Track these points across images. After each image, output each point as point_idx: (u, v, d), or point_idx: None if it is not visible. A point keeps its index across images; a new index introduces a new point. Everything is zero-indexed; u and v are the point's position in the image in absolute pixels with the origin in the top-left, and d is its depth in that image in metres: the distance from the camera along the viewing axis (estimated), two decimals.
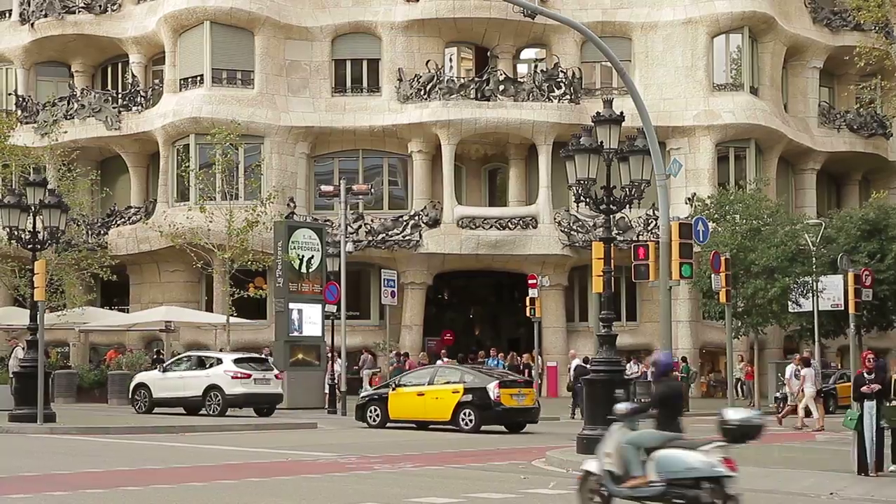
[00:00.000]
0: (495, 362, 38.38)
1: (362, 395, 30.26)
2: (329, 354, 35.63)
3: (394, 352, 40.43)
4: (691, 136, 45.36)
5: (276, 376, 31.95)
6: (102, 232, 45.30)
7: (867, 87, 43.10)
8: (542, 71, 45.42)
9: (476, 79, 45.49)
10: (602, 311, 20.54)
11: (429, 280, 45.35)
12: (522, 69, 47.61)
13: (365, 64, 46.28)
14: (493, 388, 26.60)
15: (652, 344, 42.17)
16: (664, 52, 45.88)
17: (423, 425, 27.66)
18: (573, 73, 45.03)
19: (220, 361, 31.35)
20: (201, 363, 31.78)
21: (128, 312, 44.82)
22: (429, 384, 27.86)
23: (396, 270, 42.50)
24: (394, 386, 28.63)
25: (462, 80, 45.51)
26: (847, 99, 49.70)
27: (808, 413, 29.54)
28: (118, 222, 45.85)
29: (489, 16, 44.88)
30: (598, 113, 20.67)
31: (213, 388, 30.62)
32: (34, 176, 28.08)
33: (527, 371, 37.98)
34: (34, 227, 27.41)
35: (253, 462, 18.87)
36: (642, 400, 14.95)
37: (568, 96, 44.69)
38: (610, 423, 13.01)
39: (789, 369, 30.74)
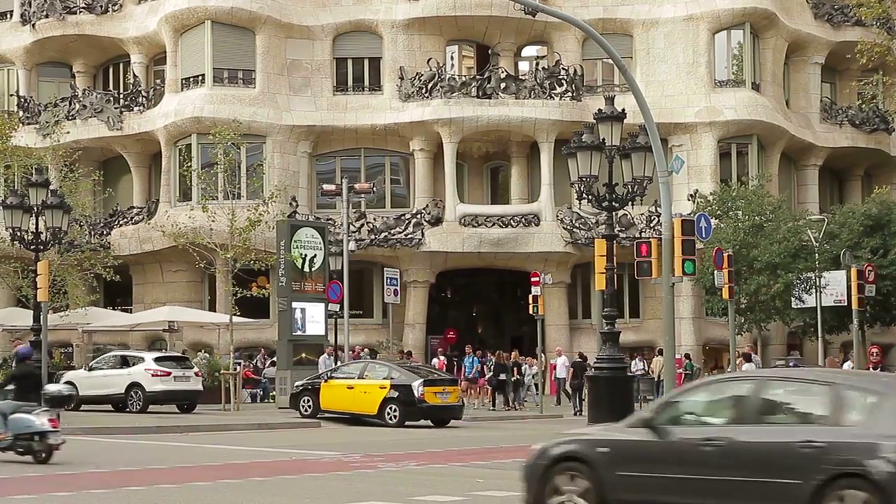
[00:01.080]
0: (470, 360, 38.07)
1: (296, 384, 31.24)
2: (332, 353, 35.60)
3: (405, 350, 40.48)
4: (693, 132, 45.35)
5: (196, 373, 33.05)
6: (105, 232, 45.31)
7: (869, 83, 43.06)
8: (543, 68, 45.40)
9: (477, 77, 45.48)
10: (605, 309, 20.57)
11: (431, 278, 45.35)
12: (524, 67, 47.59)
13: (366, 62, 46.27)
14: (417, 386, 27.95)
15: (655, 341, 42.17)
16: (665, 49, 45.86)
17: (354, 418, 28.87)
18: (575, 71, 45.01)
19: (141, 360, 32.38)
20: (125, 362, 32.66)
21: (131, 313, 44.83)
22: (359, 378, 29.26)
23: (399, 269, 42.48)
24: (326, 378, 29.95)
25: (463, 78, 45.49)
26: (849, 95, 49.64)
27: None
28: (121, 222, 45.87)
29: (490, 13, 44.87)
30: (599, 110, 20.69)
31: (134, 385, 31.66)
32: (36, 177, 28.11)
33: (515, 369, 37.96)
34: (37, 227, 27.46)
35: (257, 461, 18.87)
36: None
37: (569, 94, 44.67)
38: (613, 418, 13.04)
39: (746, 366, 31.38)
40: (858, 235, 41.32)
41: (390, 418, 27.94)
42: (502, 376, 36.87)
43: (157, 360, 32.34)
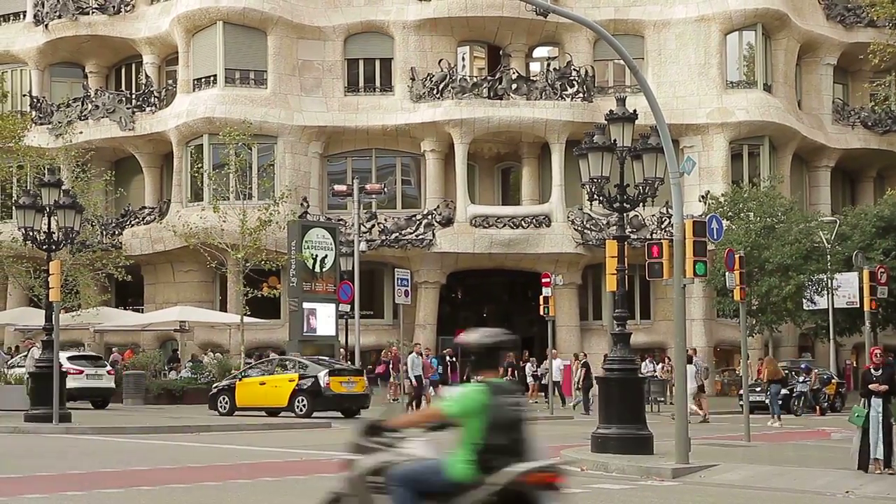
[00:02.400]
0: (433, 360, 37.77)
1: (214, 385, 32.66)
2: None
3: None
4: (705, 133, 45.29)
5: (109, 372, 34.58)
6: (117, 232, 45.42)
7: (881, 84, 42.99)
8: (554, 69, 45.38)
9: (489, 77, 45.48)
10: (616, 310, 20.50)
11: (442, 279, 45.36)
12: (535, 67, 47.59)
13: (377, 63, 46.31)
14: (323, 377, 29.68)
15: (666, 342, 42.13)
16: (677, 50, 45.81)
17: (271, 412, 30.18)
18: (586, 72, 44.99)
19: None
20: None
21: (142, 312, 44.93)
22: (269, 374, 31.22)
23: (410, 269, 42.48)
24: (240, 377, 31.55)
25: (475, 79, 45.50)
26: (861, 96, 49.56)
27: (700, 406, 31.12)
28: (132, 222, 45.97)
29: (502, 14, 44.87)
30: (611, 111, 20.64)
31: None
32: (49, 177, 28.12)
33: (510, 370, 37.96)
34: (49, 227, 27.49)
35: (268, 462, 18.88)
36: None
37: (581, 94, 44.65)
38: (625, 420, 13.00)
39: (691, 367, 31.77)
40: (871, 237, 41.23)
41: (299, 409, 29.56)
42: None
43: (70, 358, 33.73)
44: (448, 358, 40.63)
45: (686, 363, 31.01)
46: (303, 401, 29.74)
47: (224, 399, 31.11)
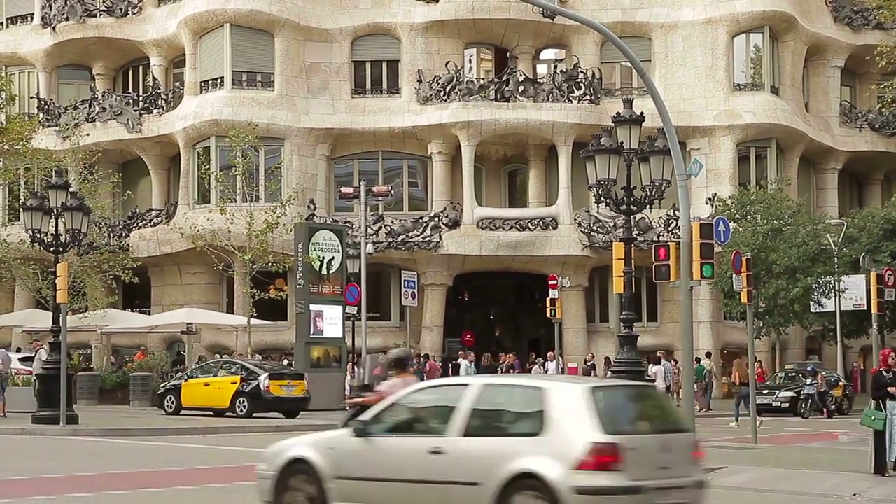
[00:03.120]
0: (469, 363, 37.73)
1: (161, 385, 33.89)
2: (351, 356, 35.64)
3: (423, 353, 40.51)
4: (712, 136, 45.24)
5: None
6: (124, 234, 45.46)
7: (889, 86, 42.93)
8: (561, 71, 45.36)
9: (496, 80, 45.45)
10: (623, 312, 20.51)
11: (449, 281, 45.34)
12: (542, 70, 47.58)
13: (384, 65, 46.31)
14: (263, 380, 30.84)
15: (673, 344, 42.07)
16: (684, 52, 45.77)
17: (217, 412, 31.03)
18: (593, 74, 44.96)
19: None
20: None
21: (149, 314, 44.95)
22: (214, 376, 32.27)
23: (416, 272, 42.51)
24: (186, 378, 32.91)
25: (482, 81, 45.49)
26: (869, 98, 49.50)
27: None
28: (139, 224, 46.01)
29: (508, 16, 44.85)
30: (618, 113, 20.65)
31: None
32: (56, 179, 28.16)
33: (511, 371, 38.02)
34: (56, 229, 27.53)
35: None
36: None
37: (588, 97, 44.62)
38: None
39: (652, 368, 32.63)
40: (878, 239, 41.17)
41: (240, 410, 30.69)
42: None
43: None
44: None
45: (656, 364, 31.73)
46: (243, 402, 30.94)
47: (171, 398, 32.42)
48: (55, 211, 27.39)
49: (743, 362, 33.70)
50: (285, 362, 37.99)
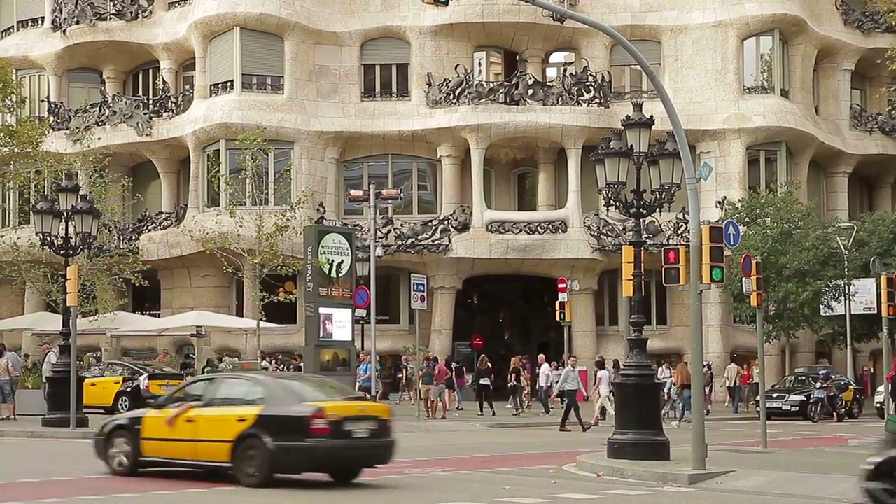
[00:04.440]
0: (364, 367, 37.45)
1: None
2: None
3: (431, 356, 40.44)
4: (721, 139, 45.20)
5: None
6: (134, 237, 45.54)
7: None
8: (571, 75, 45.35)
9: (505, 83, 45.47)
10: (632, 315, 20.47)
11: (458, 284, 45.35)
12: (551, 73, 47.59)
13: (394, 68, 46.36)
14: (143, 380, 33.65)
15: (682, 348, 42.05)
16: (694, 56, 45.75)
17: (108, 410, 31.87)
18: (602, 77, 44.95)
19: None
20: None
21: (159, 317, 45.02)
22: (100, 376, 34.78)
23: (426, 275, 42.49)
24: (86, 377, 33.65)
25: (491, 85, 45.51)
26: (879, 101, 49.43)
27: (603, 412, 31.76)
28: (149, 227, 46.10)
29: (518, 20, 44.87)
30: (627, 116, 20.62)
31: None
32: (66, 182, 28.22)
33: (513, 375, 38.02)
34: (66, 232, 27.59)
35: None
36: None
37: (597, 100, 44.61)
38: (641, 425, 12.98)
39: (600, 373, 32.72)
40: (888, 243, 41.09)
41: (121, 408, 32.07)
42: (483, 381, 37.08)
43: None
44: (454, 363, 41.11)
45: (600, 368, 32.05)
46: (125, 401, 32.89)
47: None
48: (65, 214, 27.45)
49: (686, 366, 33.44)
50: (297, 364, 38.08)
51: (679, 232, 42.60)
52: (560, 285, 40.47)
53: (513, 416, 36.06)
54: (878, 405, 36.72)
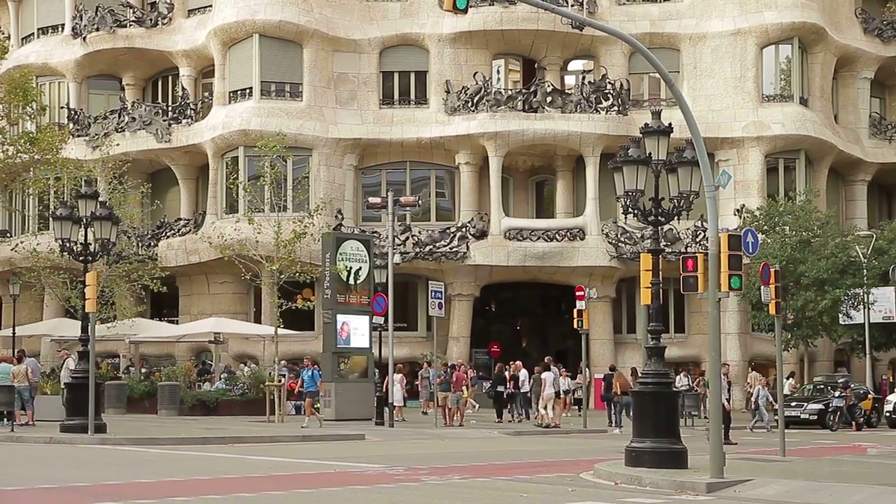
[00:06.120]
0: (310, 373, 37.01)
1: None
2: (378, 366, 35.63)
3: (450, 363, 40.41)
4: (740, 147, 45.12)
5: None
6: (152, 244, 45.70)
7: None
8: (589, 82, 45.36)
9: (523, 90, 45.50)
10: (650, 323, 20.40)
11: (476, 292, 45.35)
12: (570, 81, 47.59)
13: (412, 76, 46.44)
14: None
15: (700, 356, 41.95)
16: (713, 63, 45.69)
17: None
18: (621, 85, 44.93)
19: None
20: None
21: (177, 324, 45.14)
22: None
23: (444, 282, 42.51)
24: None
25: (509, 92, 45.55)
26: None
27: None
28: (168, 234, 46.24)
29: (537, 27, 44.90)
30: (646, 124, 20.57)
31: None
32: (86, 188, 28.30)
33: (512, 382, 37.97)
34: (86, 239, 27.66)
35: (301, 473, 18.92)
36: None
37: (616, 108, 44.59)
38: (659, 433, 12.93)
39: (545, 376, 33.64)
40: None
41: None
42: (500, 388, 37.00)
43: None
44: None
45: (546, 370, 32.55)
46: None
47: None
48: (84, 220, 27.52)
49: (622, 375, 33.74)
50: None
51: (697, 240, 42.53)
52: (578, 293, 40.30)
53: (516, 422, 36.02)
54: (888, 413, 36.54)
